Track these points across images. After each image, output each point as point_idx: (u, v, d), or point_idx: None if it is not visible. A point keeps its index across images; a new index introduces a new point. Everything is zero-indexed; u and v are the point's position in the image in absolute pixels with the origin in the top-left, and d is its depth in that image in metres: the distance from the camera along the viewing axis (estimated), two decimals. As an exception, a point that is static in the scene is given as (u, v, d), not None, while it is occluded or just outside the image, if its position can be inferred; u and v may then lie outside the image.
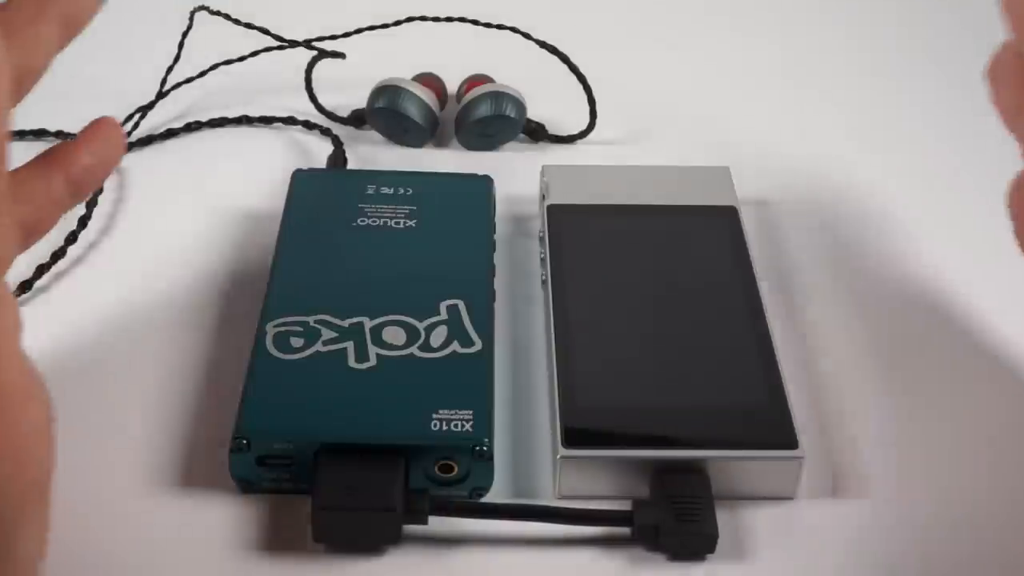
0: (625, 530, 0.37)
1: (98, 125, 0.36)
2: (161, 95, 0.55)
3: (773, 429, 0.38)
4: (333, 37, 0.57)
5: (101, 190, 0.48)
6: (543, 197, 0.48)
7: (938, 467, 0.40)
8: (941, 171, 0.54)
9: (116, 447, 0.39)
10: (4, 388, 0.27)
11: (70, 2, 0.34)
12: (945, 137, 0.56)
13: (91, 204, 0.48)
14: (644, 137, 0.55)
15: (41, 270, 0.45)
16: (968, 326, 0.45)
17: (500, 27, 0.55)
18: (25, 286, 0.45)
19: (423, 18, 0.55)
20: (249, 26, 0.57)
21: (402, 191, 0.47)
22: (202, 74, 0.56)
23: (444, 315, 0.41)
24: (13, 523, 0.28)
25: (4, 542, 0.28)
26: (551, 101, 0.55)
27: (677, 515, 0.36)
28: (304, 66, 0.55)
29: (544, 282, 0.45)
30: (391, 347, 0.40)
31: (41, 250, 0.46)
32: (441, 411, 0.38)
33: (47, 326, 0.44)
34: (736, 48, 0.62)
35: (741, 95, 0.59)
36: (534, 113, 0.54)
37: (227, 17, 0.57)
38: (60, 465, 0.39)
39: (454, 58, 0.57)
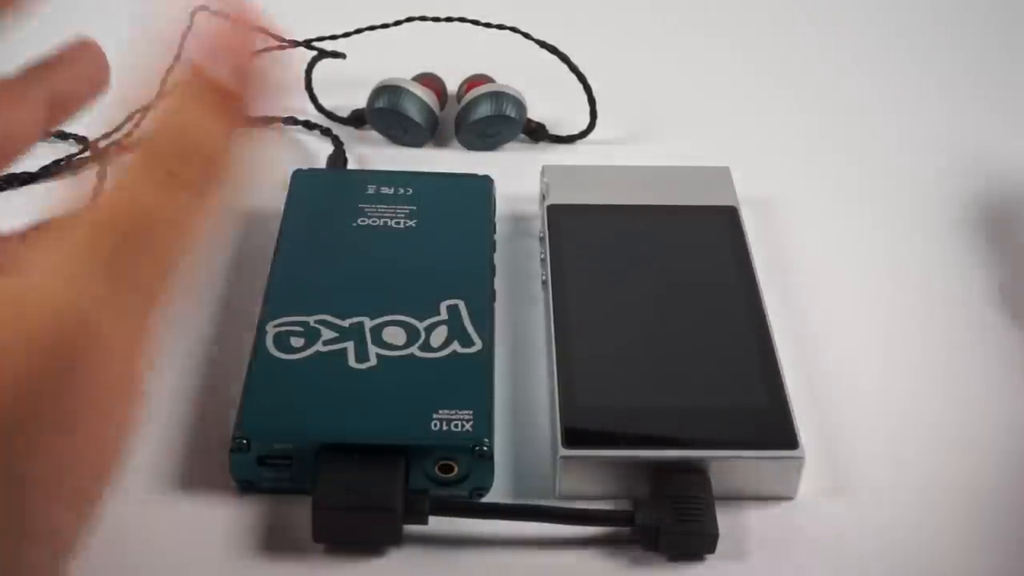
0: (625, 530, 0.37)
1: (81, 44, 0.34)
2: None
3: (773, 429, 0.38)
4: (333, 37, 0.57)
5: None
6: (543, 197, 0.48)
7: (938, 467, 0.40)
8: (941, 171, 0.54)
9: (116, 447, 0.39)
10: None
11: (61, 83, 0.32)
12: (945, 136, 0.56)
13: (91, 204, 0.48)
14: (644, 137, 0.55)
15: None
16: (969, 326, 0.45)
17: (500, 27, 0.55)
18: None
19: (423, 18, 0.55)
20: (249, 26, 0.57)
21: (402, 191, 0.47)
22: (202, 74, 0.56)
23: (444, 315, 0.41)
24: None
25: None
26: (551, 101, 0.55)
27: (677, 515, 0.36)
28: (304, 66, 0.55)
29: (544, 282, 0.45)
30: (391, 347, 0.40)
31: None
32: (441, 411, 0.38)
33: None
34: (736, 48, 0.62)
35: (741, 95, 0.59)
36: (534, 113, 0.54)
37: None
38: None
39: (454, 58, 0.57)
